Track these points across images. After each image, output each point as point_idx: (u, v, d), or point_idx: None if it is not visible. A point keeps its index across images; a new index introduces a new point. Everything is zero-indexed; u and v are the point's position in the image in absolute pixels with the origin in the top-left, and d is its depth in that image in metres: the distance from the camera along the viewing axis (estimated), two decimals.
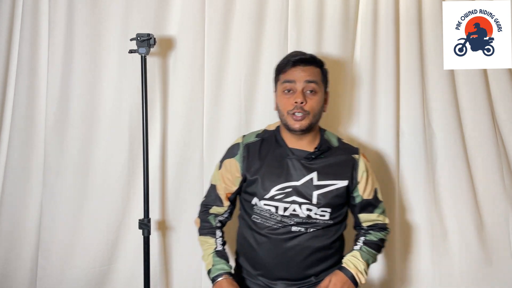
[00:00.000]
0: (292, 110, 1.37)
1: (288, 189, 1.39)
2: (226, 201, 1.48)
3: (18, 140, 1.74)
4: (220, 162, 1.50)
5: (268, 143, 1.46)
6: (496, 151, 1.90)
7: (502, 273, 1.90)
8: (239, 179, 1.45)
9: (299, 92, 1.37)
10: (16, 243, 1.77)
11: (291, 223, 1.40)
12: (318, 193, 1.39)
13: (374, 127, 1.85)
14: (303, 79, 1.38)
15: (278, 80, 1.45)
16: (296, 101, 1.36)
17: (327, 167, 1.41)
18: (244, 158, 1.44)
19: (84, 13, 1.69)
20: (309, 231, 1.40)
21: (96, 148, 1.73)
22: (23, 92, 1.72)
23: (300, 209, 1.39)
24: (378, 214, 1.49)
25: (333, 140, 1.48)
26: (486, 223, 1.91)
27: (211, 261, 1.41)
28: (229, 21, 1.75)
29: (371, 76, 1.83)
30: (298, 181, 1.39)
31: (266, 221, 1.41)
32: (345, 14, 1.80)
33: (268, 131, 1.50)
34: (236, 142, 1.50)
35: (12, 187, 1.75)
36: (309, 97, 1.38)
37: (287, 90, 1.40)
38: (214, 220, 1.49)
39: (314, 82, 1.39)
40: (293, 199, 1.39)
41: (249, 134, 1.51)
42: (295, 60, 1.40)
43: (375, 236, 1.48)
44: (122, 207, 1.75)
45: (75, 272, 1.74)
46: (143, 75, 1.59)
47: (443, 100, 1.88)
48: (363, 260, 1.40)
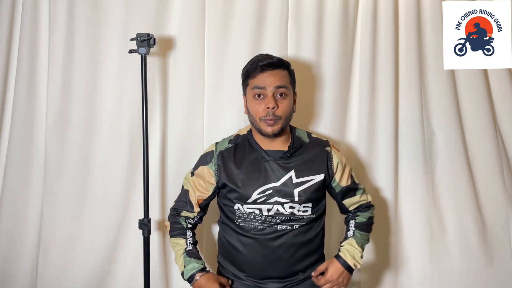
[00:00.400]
0: (265, 117, 1.39)
1: (269, 191, 1.40)
2: (196, 207, 1.49)
3: (18, 140, 1.74)
4: (193, 169, 1.51)
5: (242, 148, 1.47)
6: (496, 151, 1.91)
7: (502, 273, 1.90)
8: (213, 186, 1.47)
9: (270, 97, 1.38)
10: (16, 243, 1.77)
11: (276, 221, 1.41)
12: (299, 190, 1.41)
13: (373, 127, 1.85)
14: (273, 85, 1.39)
15: (247, 85, 1.44)
16: (268, 106, 1.37)
17: (303, 163, 1.44)
18: (219, 166, 1.44)
19: (84, 13, 1.69)
20: (295, 228, 1.42)
21: (96, 148, 1.73)
22: (23, 92, 1.72)
23: (283, 208, 1.41)
24: (359, 195, 1.55)
25: (304, 137, 1.51)
26: (486, 223, 1.91)
27: (182, 263, 1.41)
28: (229, 21, 1.75)
29: (370, 76, 1.83)
30: (277, 181, 1.41)
31: (251, 223, 1.42)
32: (345, 14, 1.80)
33: (240, 135, 1.51)
34: (209, 150, 1.50)
35: (13, 187, 1.75)
36: (279, 101, 1.40)
37: (257, 95, 1.40)
38: (185, 222, 1.49)
39: (284, 87, 1.40)
40: (275, 199, 1.40)
41: (221, 141, 1.52)
42: (263, 65, 1.39)
43: (364, 216, 1.54)
44: (122, 207, 1.75)
45: (76, 272, 1.74)
46: (143, 75, 1.59)
47: (443, 100, 1.88)
48: (359, 247, 1.46)
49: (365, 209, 1.56)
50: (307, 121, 1.82)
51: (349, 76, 1.87)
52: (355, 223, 1.52)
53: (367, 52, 1.83)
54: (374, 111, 1.84)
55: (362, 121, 1.85)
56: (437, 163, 1.90)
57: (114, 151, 1.74)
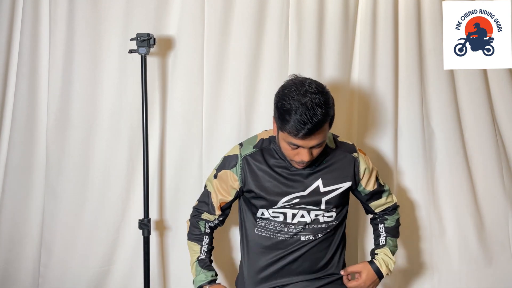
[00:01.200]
0: (297, 163, 1.31)
1: (295, 199, 1.38)
2: (218, 210, 1.46)
3: (19, 140, 1.74)
4: (216, 170, 1.46)
5: (267, 154, 1.41)
6: (496, 151, 1.91)
7: (502, 273, 1.90)
8: (235, 191, 1.43)
9: (306, 152, 1.26)
10: (17, 243, 1.78)
11: (298, 231, 1.40)
12: (326, 199, 1.39)
13: (373, 127, 1.85)
14: (311, 145, 1.26)
15: (281, 129, 1.27)
16: (303, 160, 1.28)
17: (330, 172, 1.40)
18: (244, 171, 1.39)
19: (84, 13, 1.69)
20: (318, 238, 1.41)
21: (96, 148, 1.73)
22: (24, 92, 1.72)
23: (308, 215, 1.40)
24: (385, 197, 1.53)
25: (330, 142, 1.44)
26: (486, 223, 1.91)
27: (194, 271, 1.42)
28: (229, 21, 1.75)
29: (370, 76, 1.83)
30: (304, 191, 1.38)
31: (273, 235, 1.41)
32: (345, 14, 1.80)
33: (264, 140, 1.44)
34: (233, 153, 1.44)
35: (14, 187, 1.75)
36: (314, 150, 1.29)
37: (292, 146, 1.28)
38: (204, 226, 1.47)
39: (322, 144, 1.28)
40: (302, 206, 1.39)
41: (245, 145, 1.45)
42: (305, 133, 1.21)
43: (392, 219, 1.55)
44: (122, 207, 1.75)
45: (76, 272, 1.74)
46: (143, 75, 1.59)
47: (443, 100, 1.88)
48: (392, 257, 1.48)
49: (392, 211, 1.55)
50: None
51: (349, 76, 1.86)
52: (384, 227, 1.53)
53: (367, 52, 1.83)
54: (374, 111, 1.84)
55: (362, 121, 1.85)
56: (436, 163, 1.90)
57: (114, 151, 1.74)
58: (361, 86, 1.85)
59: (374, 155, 1.84)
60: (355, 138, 1.86)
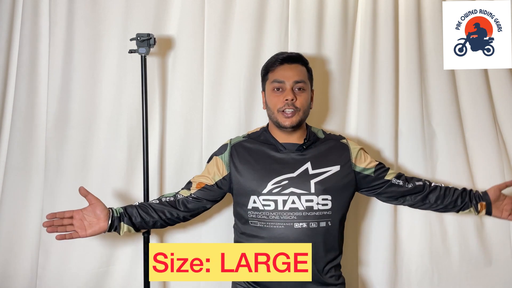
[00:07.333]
0: (283, 107, 1.42)
1: (284, 181, 1.41)
2: (195, 188, 1.48)
3: (18, 139, 1.74)
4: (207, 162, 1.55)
5: (257, 140, 1.50)
6: (496, 151, 1.90)
7: (502, 273, 1.90)
8: (219, 177, 1.48)
9: (289, 90, 1.43)
10: (16, 243, 1.77)
11: (292, 218, 1.39)
12: (315, 181, 1.41)
13: (373, 126, 1.85)
14: (292, 79, 1.43)
15: (267, 79, 1.49)
16: (287, 98, 1.41)
17: (319, 155, 1.46)
18: (232, 156, 1.47)
19: (84, 13, 1.69)
20: (311, 226, 1.40)
21: (96, 147, 1.73)
22: (24, 92, 1.72)
23: (299, 202, 1.39)
24: (392, 170, 1.56)
25: (319, 133, 1.54)
26: (486, 223, 1.91)
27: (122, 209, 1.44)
28: (229, 21, 1.75)
29: (370, 75, 1.83)
30: (293, 172, 1.42)
31: (266, 223, 1.40)
32: (345, 14, 1.80)
33: (253, 132, 1.55)
34: (223, 143, 1.54)
35: (13, 187, 1.75)
36: (298, 94, 1.44)
37: (276, 89, 1.45)
38: (170, 195, 1.48)
39: (302, 82, 1.45)
40: (291, 190, 1.40)
41: (236, 137, 1.55)
42: (283, 58, 1.45)
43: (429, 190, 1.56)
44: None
45: (75, 272, 1.74)
46: (143, 75, 1.59)
47: (443, 99, 1.88)
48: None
49: (411, 179, 1.56)
50: (307, 120, 1.82)
51: (349, 76, 1.86)
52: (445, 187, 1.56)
53: (367, 52, 1.83)
54: (374, 111, 1.84)
55: (362, 121, 1.85)
56: (437, 163, 1.90)
57: (114, 151, 1.74)
58: (361, 86, 1.85)
59: (374, 155, 1.84)
60: (355, 138, 1.86)
